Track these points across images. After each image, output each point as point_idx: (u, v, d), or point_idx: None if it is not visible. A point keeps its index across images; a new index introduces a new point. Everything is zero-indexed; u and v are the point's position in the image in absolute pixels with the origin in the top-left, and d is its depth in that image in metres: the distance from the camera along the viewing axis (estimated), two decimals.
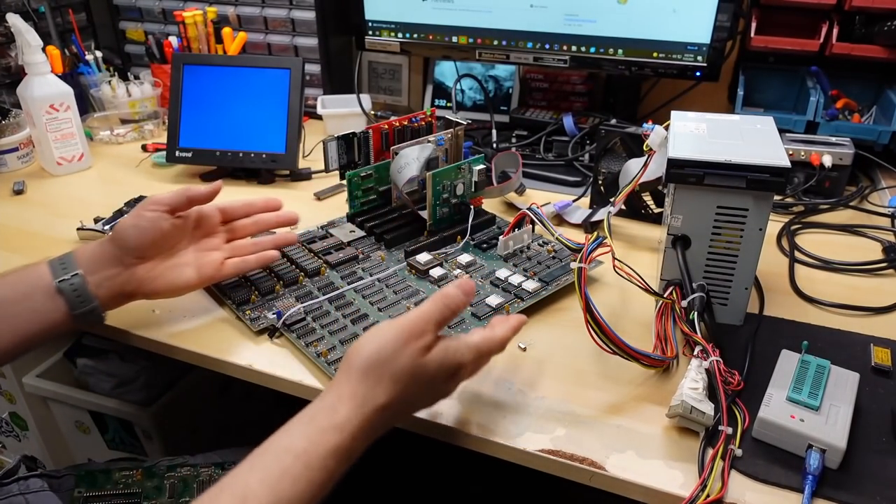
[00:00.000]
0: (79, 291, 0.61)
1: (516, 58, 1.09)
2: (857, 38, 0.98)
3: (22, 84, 1.03)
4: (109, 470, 0.76)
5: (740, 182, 0.61)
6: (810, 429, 0.52)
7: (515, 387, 0.61)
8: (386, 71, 1.35)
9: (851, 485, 0.50)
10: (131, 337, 0.69)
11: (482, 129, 1.16)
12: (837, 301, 0.72)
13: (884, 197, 0.96)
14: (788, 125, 1.00)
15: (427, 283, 0.73)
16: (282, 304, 0.70)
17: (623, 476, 0.52)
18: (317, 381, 0.61)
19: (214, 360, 0.65)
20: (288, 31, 1.27)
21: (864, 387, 0.58)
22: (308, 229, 0.85)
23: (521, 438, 0.55)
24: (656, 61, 1.01)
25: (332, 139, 0.84)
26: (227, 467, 0.77)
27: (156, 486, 0.75)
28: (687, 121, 0.71)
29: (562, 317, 0.70)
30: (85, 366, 0.98)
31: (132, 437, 0.98)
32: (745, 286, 0.66)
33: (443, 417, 0.57)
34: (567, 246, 0.70)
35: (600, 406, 0.58)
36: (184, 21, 1.18)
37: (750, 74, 1.09)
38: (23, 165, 1.11)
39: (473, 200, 0.85)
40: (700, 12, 0.96)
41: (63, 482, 0.74)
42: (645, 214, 0.89)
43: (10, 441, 1.05)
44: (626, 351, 0.58)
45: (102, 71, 1.27)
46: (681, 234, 0.66)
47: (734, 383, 0.57)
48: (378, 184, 0.86)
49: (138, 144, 1.17)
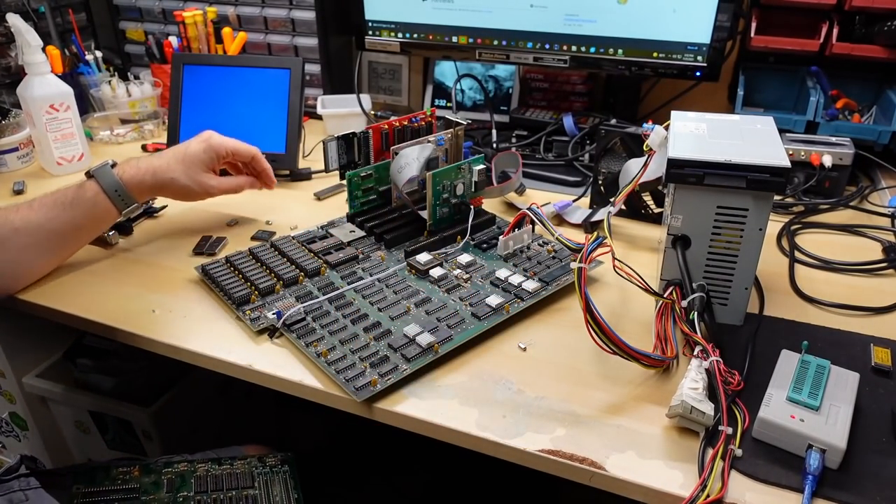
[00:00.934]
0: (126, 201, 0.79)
1: (516, 58, 1.09)
2: (857, 38, 0.98)
3: (22, 84, 1.03)
4: (108, 466, 0.76)
5: (740, 182, 0.61)
6: (810, 429, 0.52)
7: (515, 387, 0.61)
8: (386, 71, 1.35)
9: (852, 485, 0.50)
10: (131, 337, 0.69)
11: (482, 129, 1.16)
12: (837, 301, 0.72)
13: (884, 197, 0.96)
14: (788, 125, 1.00)
15: (427, 283, 0.73)
16: (282, 304, 0.70)
17: (623, 476, 0.52)
18: (317, 381, 0.61)
19: (214, 360, 0.65)
20: (288, 31, 1.27)
21: (864, 387, 0.58)
22: (308, 229, 0.85)
23: (521, 438, 0.55)
24: (656, 61, 1.01)
25: (332, 139, 0.84)
26: (224, 463, 0.78)
27: (153, 481, 0.75)
28: (687, 121, 0.71)
29: (562, 317, 0.70)
30: (85, 366, 0.98)
31: (132, 436, 0.98)
32: (745, 286, 0.66)
33: (442, 417, 0.57)
34: (567, 246, 0.70)
35: (600, 406, 0.58)
36: (184, 21, 1.18)
37: (750, 74, 1.09)
38: (23, 165, 1.11)
39: (473, 200, 0.85)
40: (700, 12, 0.96)
41: (62, 480, 0.74)
42: (645, 214, 0.89)
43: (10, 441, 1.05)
44: (626, 351, 0.58)
45: (102, 71, 1.27)
46: (681, 234, 0.66)
47: (734, 383, 0.57)
48: (378, 184, 0.86)
49: (138, 144, 1.17)
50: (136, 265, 0.80)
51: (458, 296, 0.71)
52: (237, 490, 0.75)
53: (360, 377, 0.60)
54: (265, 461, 0.79)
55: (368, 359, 0.62)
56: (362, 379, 0.59)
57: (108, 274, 0.79)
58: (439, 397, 0.59)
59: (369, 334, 0.65)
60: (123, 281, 0.77)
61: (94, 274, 0.79)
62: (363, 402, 0.58)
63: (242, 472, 0.77)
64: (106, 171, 0.77)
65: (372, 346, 0.64)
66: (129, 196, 0.78)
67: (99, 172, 0.77)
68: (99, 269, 0.80)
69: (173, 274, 0.78)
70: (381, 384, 0.59)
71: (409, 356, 0.62)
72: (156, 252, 0.83)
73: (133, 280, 0.78)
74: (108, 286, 0.76)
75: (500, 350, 0.65)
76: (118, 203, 0.77)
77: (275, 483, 0.76)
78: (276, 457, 0.80)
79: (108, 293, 0.75)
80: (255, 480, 0.76)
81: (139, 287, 0.76)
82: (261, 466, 0.78)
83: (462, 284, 0.73)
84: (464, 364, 0.63)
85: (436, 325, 0.66)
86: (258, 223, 0.90)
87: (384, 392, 0.59)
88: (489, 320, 0.67)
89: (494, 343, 0.66)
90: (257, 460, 0.79)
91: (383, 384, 0.59)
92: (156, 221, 0.92)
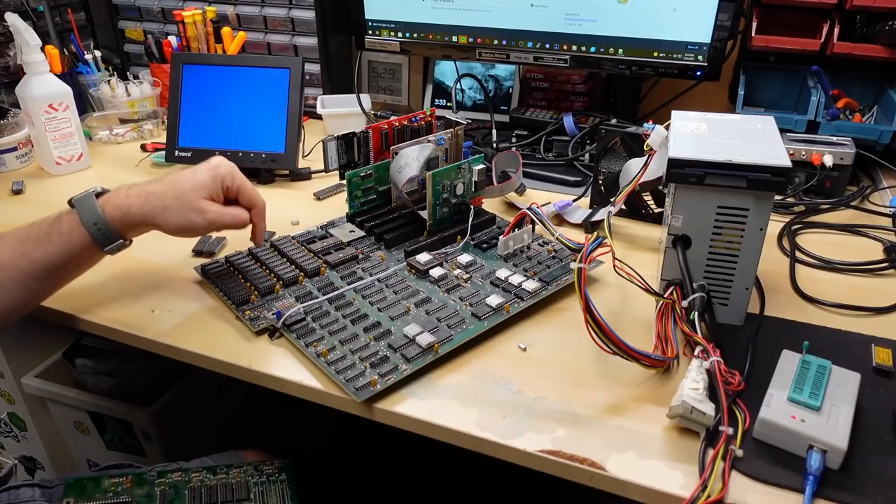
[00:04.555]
0: (108, 237, 0.68)
1: (516, 57, 1.09)
2: (859, 38, 0.98)
3: (20, 83, 1.03)
4: (99, 478, 0.75)
5: (741, 182, 0.61)
6: (811, 429, 0.52)
7: (515, 387, 0.60)
8: (386, 71, 1.35)
9: (852, 485, 0.50)
10: (131, 337, 0.69)
11: (482, 128, 1.16)
12: (838, 301, 0.72)
13: (885, 197, 0.96)
14: (789, 125, 1.00)
15: (427, 283, 0.73)
16: (282, 304, 0.70)
17: (623, 476, 0.52)
18: (317, 382, 0.61)
19: (214, 360, 0.65)
20: (287, 30, 1.26)
21: (865, 387, 0.58)
22: (308, 229, 0.85)
23: (521, 438, 0.55)
24: (657, 61, 1.01)
25: (331, 139, 0.84)
26: (220, 471, 0.77)
27: (146, 493, 0.74)
28: (687, 120, 0.71)
29: (562, 317, 0.70)
30: (84, 366, 0.97)
31: (131, 437, 0.98)
32: (745, 286, 0.66)
33: (443, 417, 0.57)
34: (567, 246, 0.70)
35: (600, 406, 0.58)
36: (183, 20, 1.18)
37: (751, 74, 1.08)
38: (21, 165, 1.10)
39: (473, 200, 0.85)
40: (701, 12, 0.96)
41: (54, 492, 0.73)
42: (645, 214, 0.89)
43: (8, 441, 1.05)
44: (626, 351, 0.58)
45: (101, 70, 1.27)
46: (681, 233, 0.66)
47: (735, 383, 0.57)
48: (378, 184, 0.86)
49: (137, 144, 1.17)
50: (136, 265, 0.80)
51: (458, 296, 0.71)
52: (232, 502, 0.74)
53: (359, 377, 0.60)
54: (262, 469, 0.78)
55: (368, 359, 0.62)
56: (362, 379, 0.59)
57: (108, 274, 0.78)
58: (439, 397, 0.59)
59: (369, 334, 0.65)
60: (123, 281, 0.77)
61: (94, 274, 0.78)
62: (363, 402, 0.58)
63: (238, 482, 0.76)
64: (88, 200, 0.66)
65: (372, 346, 0.63)
66: (112, 232, 0.67)
67: (80, 202, 0.66)
68: (98, 269, 0.79)
69: (173, 274, 0.78)
70: (380, 384, 0.59)
71: (409, 356, 0.62)
72: (156, 252, 0.83)
73: (133, 280, 0.77)
74: (108, 286, 0.76)
75: (500, 350, 0.65)
76: (99, 239, 0.66)
77: (271, 494, 0.75)
78: (274, 464, 0.78)
79: (108, 293, 0.75)
80: (251, 491, 0.75)
81: (139, 287, 0.76)
82: (257, 475, 0.77)
83: (462, 284, 0.73)
84: (464, 364, 0.63)
85: (436, 325, 0.66)
86: None
87: (384, 392, 0.59)
88: (489, 320, 0.67)
89: (494, 343, 0.66)
90: (254, 468, 0.78)
91: (383, 384, 0.59)
92: None
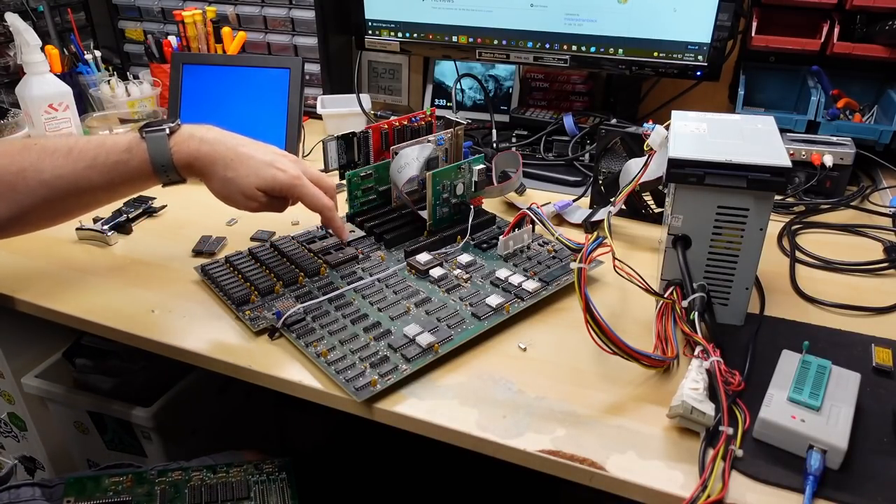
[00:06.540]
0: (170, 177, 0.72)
1: (516, 57, 1.09)
2: (858, 38, 0.98)
3: (20, 83, 1.03)
4: (99, 477, 0.75)
5: (741, 182, 0.61)
6: (811, 429, 0.52)
7: (515, 387, 0.60)
8: (386, 71, 1.35)
9: (853, 485, 0.50)
10: (131, 337, 0.69)
11: (482, 128, 1.16)
12: (838, 301, 0.72)
13: (885, 197, 0.96)
14: (789, 125, 1.00)
15: (427, 283, 0.73)
16: (281, 304, 0.70)
17: (623, 476, 0.52)
18: (317, 382, 0.61)
19: (214, 360, 0.65)
20: (287, 30, 1.26)
21: (865, 387, 0.58)
22: (308, 229, 0.85)
23: (521, 438, 0.55)
24: (657, 61, 1.01)
25: (331, 139, 0.84)
26: (220, 470, 0.77)
27: (147, 492, 0.74)
28: (687, 120, 0.71)
29: (562, 317, 0.70)
30: (84, 366, 0.97)
31: (131, 437, 0.98)
32: (745, 286, 0.66)
33: (443, 417, 0.57)
34: (567, 246, 0.70)
35: (600, 406, 0.58)
36: (183, 20, 1.18)
37: (751, 74, 1.08)
38: None
39: (473, 200, 0.85)
40: (701, 11, 0.96)
41: (55, 491, 0.73)
42: (645, 214, 0.89)
43: (8, 441, 1.05)
44: (626, 351, 0.58)
45: (101, 70, 1.27)
46: (681, 234, 0.66)
47: (735, 383, 0.57)
48: (378, 184, 0.86)
49: None
50: (136, 265, 0.80)
51: (458, 296, 0.71)
52: (232, 500, 0.74)
53: (359, 377, 0.60)
54: (262, 468, 0.78)
55: (368, 359, 0.62)
56: (362, 379, 0.59)
57: (108, 274, 0.79)
58: (439, 397, 0.59)
59: (369, 334, 0.65)
60: (123, 281, 0.77)
61: (94, 274, 0.79)
62: (363, 402, 0.58)
63: (238, 481, 0.76)
64: (160, 139, 0.69)
65: (372, 346, 0.63)
66: (176, 173, 0.71)
67: (152, 139, 0.69)
68: (98, 269, 0.80)
69: (173, 274, 0.78)
70: (380, 384, 0.59)
71: (409, 356, 0.62)
72: (155, 252, 0.83)
73: (133, 280, 0.77)
74: (108, 286, 0.76)
75: (500, 350, 0.65)
76: (161, 176, 0.71)
77: (272, 492, 0.75)
78: (274, 463, 0.78)
79: (108, 293, 0.75)
80: (251, 490, 0.75)
81: (139, 287, 0.76)
82: (257, 474, 0.77)
83: (462, 284, 0.73)
84: (464, 364, 0.63)
85: (436, 325, 0.66)
86: (258, 223, 0.90)
87: (384, 392, 0.59)
88: (489, 320, 0.67)
89: (494, 343, 0.66)
90: (254, 467, 0.78)
91: (383, 384, 0.59)
92: (156, 221, 0.92)
